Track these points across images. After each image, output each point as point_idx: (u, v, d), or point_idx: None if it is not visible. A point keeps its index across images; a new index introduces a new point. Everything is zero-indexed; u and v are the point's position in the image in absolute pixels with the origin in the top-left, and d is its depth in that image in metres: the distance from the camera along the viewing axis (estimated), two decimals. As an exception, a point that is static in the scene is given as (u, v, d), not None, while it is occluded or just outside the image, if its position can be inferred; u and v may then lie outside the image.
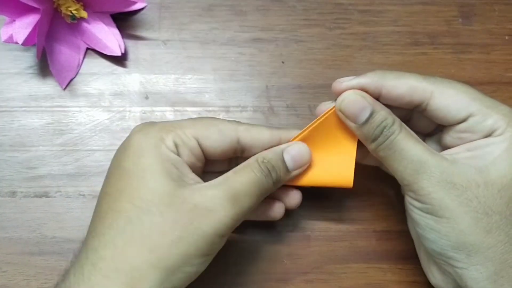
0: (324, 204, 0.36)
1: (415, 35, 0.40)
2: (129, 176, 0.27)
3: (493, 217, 0.26)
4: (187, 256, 0.26)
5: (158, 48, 0.39)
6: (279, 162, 0.30)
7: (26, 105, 0.38)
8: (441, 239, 0.27)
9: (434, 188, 0.26)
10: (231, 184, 0.27)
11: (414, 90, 0.29)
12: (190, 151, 0.29)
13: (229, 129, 0.29)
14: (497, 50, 0.40)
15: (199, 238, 0.26)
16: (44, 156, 0.37)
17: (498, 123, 0.27)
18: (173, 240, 0.25)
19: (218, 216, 0.26)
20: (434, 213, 0.27)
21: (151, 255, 0.25)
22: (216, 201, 0.26)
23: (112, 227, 0.26)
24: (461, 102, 0.28)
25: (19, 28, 0.34)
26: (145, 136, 0.28)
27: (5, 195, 0.36)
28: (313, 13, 0.40)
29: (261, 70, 0.39)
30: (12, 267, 0.34)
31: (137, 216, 0.26)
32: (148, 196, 0.26)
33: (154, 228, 0.25)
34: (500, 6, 0.41)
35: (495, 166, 0.26)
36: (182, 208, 0.26)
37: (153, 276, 0.25)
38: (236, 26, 0.40)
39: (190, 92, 0.38)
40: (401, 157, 0.27)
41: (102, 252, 0.25)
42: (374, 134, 0.28)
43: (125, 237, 0.25)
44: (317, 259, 0.35)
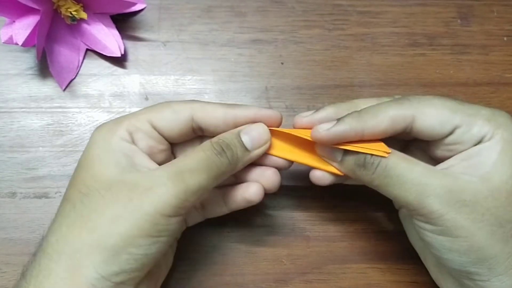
0: (323, 204, 0.36)
1: (413, 36, 0.40)
2: (80, 167, 0.28)
3: (507, 226, 0.26)
4: (129, 236, 0.25)
5: (158, 49, 0.39)
6: (235, 141, 0.29)
7: (26, 106, 0.38)
8: (460, 257, 0.26)
9: (444, 210, 0.25)
10: (176, 164, 0.27)
11: (395, 121, 0.28)
12: (145, 135, 0.29)
13: (183, 108, 0.29)
14: (496, 51, 0.40)
15: (139, 216, 0.25)
16: (44, 157, 0.37)
17: (484, 129, 0.27)
18: (112, 218, 0.25)
19: (159, 193, 0.25)
20: (448, 234, 0.26)
21: (90, 236, 0.25)
22: (156, 179, 0.26)
23: (60, 213, 0.27)
24: (443, 117, 0.27)
25: (19, 29, 0.34)
26: (98, 131, 0.29)
27: (5, 196, 0.36)
28: (312, 14, 0.40)
29: (261, 71, 0.39)
30: (12, 268, 0.34)
31: (80, 201, 0.26)
32: (92, 182, 0.26)
33: (93, 210, 0.26)
34: (499, 7, 0.41)
35: (496, 171, 0.26)
36: (121, 188, 0.26)
37: (94, 257, 0.25)
38: (236, 27, 0.40)
39: (190, 93, 0.38)
40: (400, 182, 0.26)
41: (50, 237, 0.26)
42: (358, 167, 0.28)
43: (69, 221, 0.26)
44: (316, 259, 0.35)
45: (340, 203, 0.36)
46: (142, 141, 0.29)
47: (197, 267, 0.35)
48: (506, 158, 0.26)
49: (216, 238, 0.35)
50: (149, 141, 0.29)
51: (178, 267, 0.35)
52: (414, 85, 0.39)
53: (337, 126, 0.28)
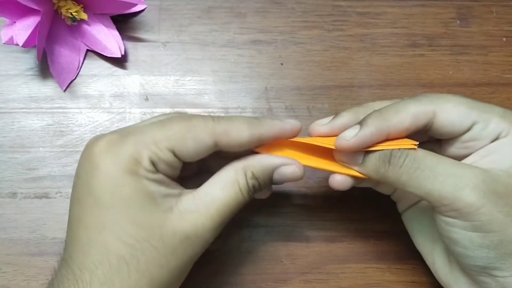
0: (323, 204, 0.36)
1: (413, 37, 0.40)
2: (108, 208, 0.25)
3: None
4: (182, 276, 0.28)
5: (158, 49, 0.39)
6: (266, 179, 0.28)
7: (26, 107, 0.38)
8: (488, 253, 0.25)
9: (481, 202, 0.25)
10: (220, 210, 0.27)
11: (418, 117, 0.27)
12: (167, 165, 0.27)
13: (205, 135, 0.27)
14: (495, 51, 0.40)
15: (190, 261, 0.27)
16: (44, 157, 0.37)
17: (500, 125, 0.27)
18: (171, 270, 0.26)
19: (208, 239, 0.27)
20: (482, 229, 0.25)
21: (152, 284, 0.26)
22: (206, 229, 0.27)
23: (104, 264, 0.25)
24: (462, 113, 0.27)
25: (20, 30, 0.34)
26: (115, 158, 0.25)
27: (5, 196, 0.36)
28: (312, 15, 0.40)
29: (260, 71, 0.39)
30: (12, 268, 0.35)
31: (130, 254, 0.25)
32: (136, 231, 0.25)
33: (151, 263, 0.25)
34: (498, 8, 0.41)
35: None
36: (175, 240, 0.26)
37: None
38: (235, 28, 0.40)
39: (190, 93, 0.39)
40: (434, 174, 0.26)
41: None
42: (383, 161, 0.27)
43: (122, 275, 0.25)
44: (316, 259, 0.35)
45: (340, 203, 0.37)
46: (164, 170, 0.27)
47: (196, 267, 0.35)
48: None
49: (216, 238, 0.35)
50: (169, 170, 0.27)
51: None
52: (413, 86, 0.39)
53: (363, 130, 0.27)
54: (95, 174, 0.25)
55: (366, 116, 0.28)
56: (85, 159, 0.26)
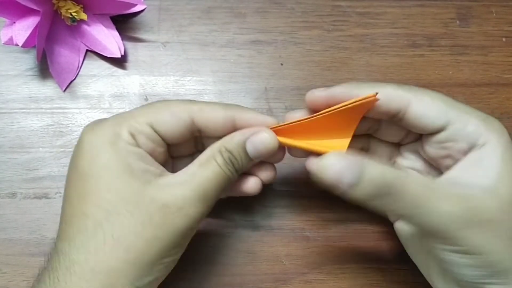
0: (322, 204, 0.36)
1: (413, 37, 0.40)
2: (88, 177, 0.26)
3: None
4: (164, 251, 0.26)
5: (158, 50, 0.39)
6: (241, 153, 0.29)
7: (26, 107, 0.38)
8: (476, 271, 0.26)
9: (467, 233, 0.25)
10: (199, 181, 0.27)
11: (391, 99, 0.28)
12: (147, 139, 0.28)
13: (182, 111, 0.29)
14: (495, 52, 0.40)
15: (172, 233, 0.26)
16: (44, 158, 0.37)
17: (479, 129, 0.27)
18: (148, 239, 0.26)
19: (189, 213, 0.27)
20: (468, 252, 0.25)
21: (128, 255, 0.25)
22: (186, 200, 0.26)
23: (81, 231, 0.26)
24: (439, 109, 0.27)
25: (19, 30, 0.34)
26: (96, 134, 0.27)
27: (5, 196, 0.36)
28: (312, 15, 0.40)
29: (260, 72, 0.39)
30: (12, 268, 0.35)
31: (106, 219, 0.26)
32: (113, 197, 0.26)
33: (126, 229, 0.26)
34: (497, 8, 0.41)
35: (502, 183, 0.26)
36: (151, 207, 0.26)
37: (131, 273, 0.25)
38: (235, 28, 0.40)
39: (190, 93, 0.39)
40: (429, 211, 0.25)
41: (75, 256, 0.25)
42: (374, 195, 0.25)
43: (97, 240, 0.25)
44: (315, 259, 0.35)
45: (340, 203, 0.36)
46: (144, 145, 0.28)
47: (196, 268, 0.35)
48: (508, 166, 0.26)
49: (215, 239, 0.35)
50: (151, 144, 0.29)
51: (178, 268, 0.35)
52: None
53: (335, 87, 0.28)
54: (79, 150, 0.27)
55: (347, 83, 0.29)
56: (77, 142, 0.28)
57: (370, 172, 0.24)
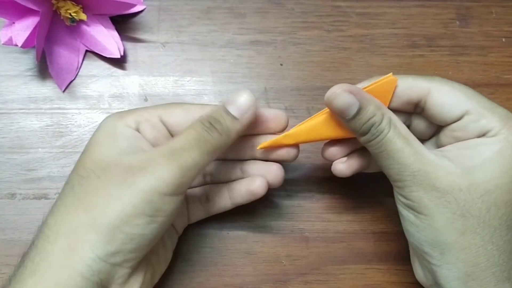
0: (322, 205, 0.36)
1: (412, 38, 0.40)
2: (83, 152, 0.29)
3: (470, 220, 0.26)
4: (124, 214, 0.25)
5: (157, 50, 0.39)
6: (222, 113, 0.29)
7: (25, 107, 0.38)
8: (418, 233, 0.28)
9: (415, 188, 0.27)
10: (169, 144, 0.27)
11: (411, 88, 0.29)
12: (152, 127, 0.30)
13: (195, 108, 0.30)
14: (494, 52, 0.40)
15: (134, 195, 0.25)
16: (43, 158, 0.37)
17: (492, 124, 0.27)
18: (107, 198, 0.26)
19: (153, 171, 0.26)
20: (414, 209, 0.27)
21: (86, 215, 0.26)
22: (150, 159, 0.26)
23: (59, 197, 0.28)
24: (457, 99, 0.28)
25: (19, 30, 0.34)
26: (107, 118, 0.30)
27: (4, 197, 0.36)
28: (311, 16, 0.40)
29: (260, 72, 0.39)
30: (11, 269, 0.34)
31: (78, 183, 0.27)
32: (89, 164, 0.27)
33: (89, 190, 0.26)
34: (497, 9, 0.41)
35: (482, 169, 0.26)
36: (117, 169, 0.26)
37: (90, 236, 0.25)
38: (235, 28, 0.40)
39: (189, 94, 0.38)
40: (388, 157, 0.28)
41: (48, 219, 0.27)
42: (362, 130, 0.28)
43: (66, 202, 0.27)
44: (315, 260, 0.35)
45: (339, 204, 0.36)
46: (147, 132, 0.30)
47: (196, 268, 0.35)
48: (499, 159, 0.27)
49: (215, 239, 0.35)
50: (155, 132, 0.30)
51: (178, 268, 0.35)
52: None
53: (359, 84, 0.30)
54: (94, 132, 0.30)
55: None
56: None
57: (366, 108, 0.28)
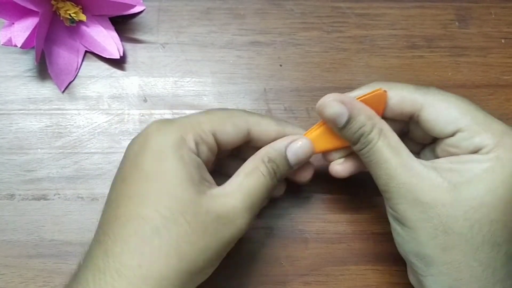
0: (321, 206, 0.36)
1: (412, 38, 0.40)
2: (151, 180, 0.26)
3: (452, 236, 0.26)
4: (211, 260, 0.27)
5: (157, 51, 0.39)
6: (283, 161, 0.30)
7: (25, 108, 0.38)
8: (404, 244, 0.28)
9: (400, 200, 0.27)
10: (247, 192, 0.28)
11: (404, 102, 0.29)
12: (208, 148, 0.29)
13: (242, 122, 0.30)
14: (494, 53, 0.40)
15: (222, 245, 0.27)
16: (42, 159, 0.37)
17: (485, 141, 0.26)
18: (201, 249, 0.26)
19: (238, 224, 0.27)
20: (399, 220, 0.28)
21: (180, 264, 0.25)
22: (236, 211, 0.27)
23: (137, 234, 0.25)
24: (450, 116, 0.28)
25: (18, 31, 0.34)
26: (164, 136, 0.27)
27: (3, 197, 0.36)
28: (311, 17, 0.40)
29: (259, 73, 0.39)
30: (10, 270, 0.34)
31: (163, 226, 0.25)
32: (173, 204, 0.26)
33: (182, 238, 0.26)
34: (497, 10, 0.41)
35: (469, 186, 0.26)
36: (207, 218, 0.26)
37: (179, 280, 0.25)
38: (234, 29, 0.40)
39: (189, 95, 0.38)
40: (376, 167, 0.28)
41: (127, 260, 0.25)
42: (353, 139, 0.29)
43: (153, 246, 0.25)
44: (315, 261, 0.35)
45: (339, 204, 0.36)
46: (204, 154, 0.29)
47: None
48: (487, 177, 0.26)
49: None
50: (209, 155, 0.29)
51: (177, 269, 0.35)
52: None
53: (352, 92, 0.30)
54: (143, 150, 0.27)
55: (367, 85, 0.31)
56: (136, 140, 0.28)
57: (356, 118, 0.28)
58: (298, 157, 0.30)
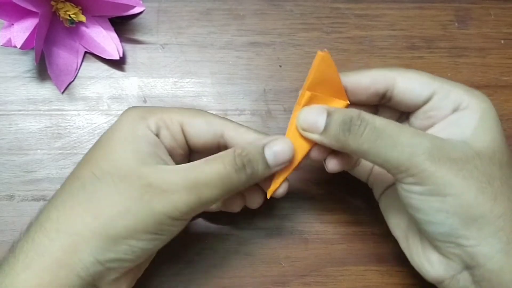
0: (321, 206, 0.36)
1: (411, 39, 0.40)
2: (99, 146, 0.28)
3: (495, 183, 0.26)
4: (132, 229, 0.26)
5: (156, 52, 0.39)
6: (258, 156, 0.28)
7: (24, 109, 0.38)
8: (449, 218, 0.25)
9: (436, 167, 0.25)
10: (195, 173, 0.27)
11: (377, 79, 0.29)
12: (171, 135, 0.29)
13: (217, 122, 0.30)
14: (493, 54, 0.40)
15: (147, 214, 0.26)
16: (42, 160, 0.37)
17: (461, 96, 0.28)
18: (120, 211, 0.25)
19: (171, 198, 0.26)
20: (438, 193, 0.25)
21: (95, 222, 0.25)
22: (172, 184, 0.26)
23: (66, 190, 0.27)
24: (423, 82, 0.29)
25: (18, 31, 0.34)
26: (128, 113, 0.29)
27: (3, 198, 0.36)
28: (310, 17, 0.40)
29: (259, 73, 0.39)
30: (9, 271, 0.34)
31: (91, 183, 0.26)
32: (107, 166, 0.26)
33: (103, 197, 0.26)
34: (496, 11, 0.41)
35: (477, 137, 0.27)
36: (136, 182, 0.26)
37: (94, 242, 0.25)
38: (234, 30, 0.40)
39: (188, 95, 0.38)
40: (393, 143, 0.26)
41: (51, 213, 0.26)
42: (343, 129, 0.26)
43: (75, 200, 0.26)
44: (314, 262, 0.35)
45: (339, 205, 0.36)
46: (166, 140, 0.29)
47: (195, 270, 0.35)
48: (485, 125, 0.27)
49: (214, 241, 0.35)
50: (172, 142, 0.29)
51: (176, 270, 0.35)
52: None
53: None
54: (111, 125, 0.29)
55: None
56: None
57: (336, 111, 0.27)
58: (276, 157, 0.28)
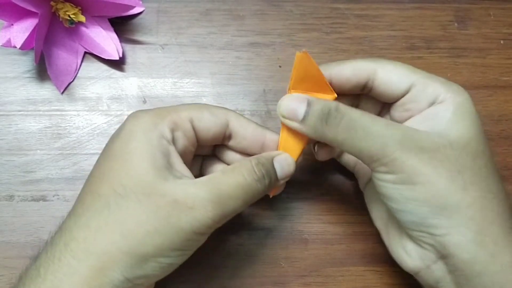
0: (321, 207, 0.36)
1: (411, 40, 0.40)
2: (114, 159, 0.27)
3: (466, 173, 0.26)
4: (161, 248, 0.25)
5: (156, 52, 0.39)
6: (271, 168, 0.29)
7: (24, 109, 0.38)
8: (420, 207, 0.26)
9: (407, 156, 0.26)
10: (217, 185, 0.27)
11: (359, 70, 0.30)
12: (184, 135, 0.29)
13: (220, 113, 0.30)
14: (493, 54, 0.40)
15: (175, 233, 0.26)
16: (41, 160, 0.37)
17: (438, 90, 0.28)
18: (149, 230, 0.25)
19: (198, 214, 0.26)
20: (409, 181, 0.26)
21: (123, 241, 0.25)
22: (197, 199, 0.26)
23: (89, 209, 0.26)
24: (402, 74, 0.29)
25: (17, 32, 0.34)
26: (138, 120, 0.28)
27: (3, 198, 0.36)
28: (310, 18, 0.40)
29: (259, 74, 0.39)
30: (9, 271, 0.34)
31: (115, 201, 0.25)
32: (129, 182, 0.26)
33: (130, 216, 0.25)
34: (496, 11, 0.41)
35: (451, 128, 0.27)
36: (161, 200, 0.25)
37: (123, 261, 0.25)
38: (234, 30, 0.40)
39: (188, 96, 0.38)
40: (366, 134, 0.27)
41: (75, 233, 0.26)
42: (321, 119, 0.27)
43: (100, 220, 0.25)
44: (314, 262, 0.35)
45: (338, 205, 0.36)
46: (179, 141, 0.29)
47: (195, 270, 0.35)
48: (459, 118, 0.28)
49: (214, 241, 0.35)
50: (185, 142, 0.29)
51: (177, 270, 0.34)
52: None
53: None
54: (117, 134, 0.28)
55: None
56: (119, 126, 0.29)
57: (315, 102, 0.28)
58: (283, 170, 0.30)
